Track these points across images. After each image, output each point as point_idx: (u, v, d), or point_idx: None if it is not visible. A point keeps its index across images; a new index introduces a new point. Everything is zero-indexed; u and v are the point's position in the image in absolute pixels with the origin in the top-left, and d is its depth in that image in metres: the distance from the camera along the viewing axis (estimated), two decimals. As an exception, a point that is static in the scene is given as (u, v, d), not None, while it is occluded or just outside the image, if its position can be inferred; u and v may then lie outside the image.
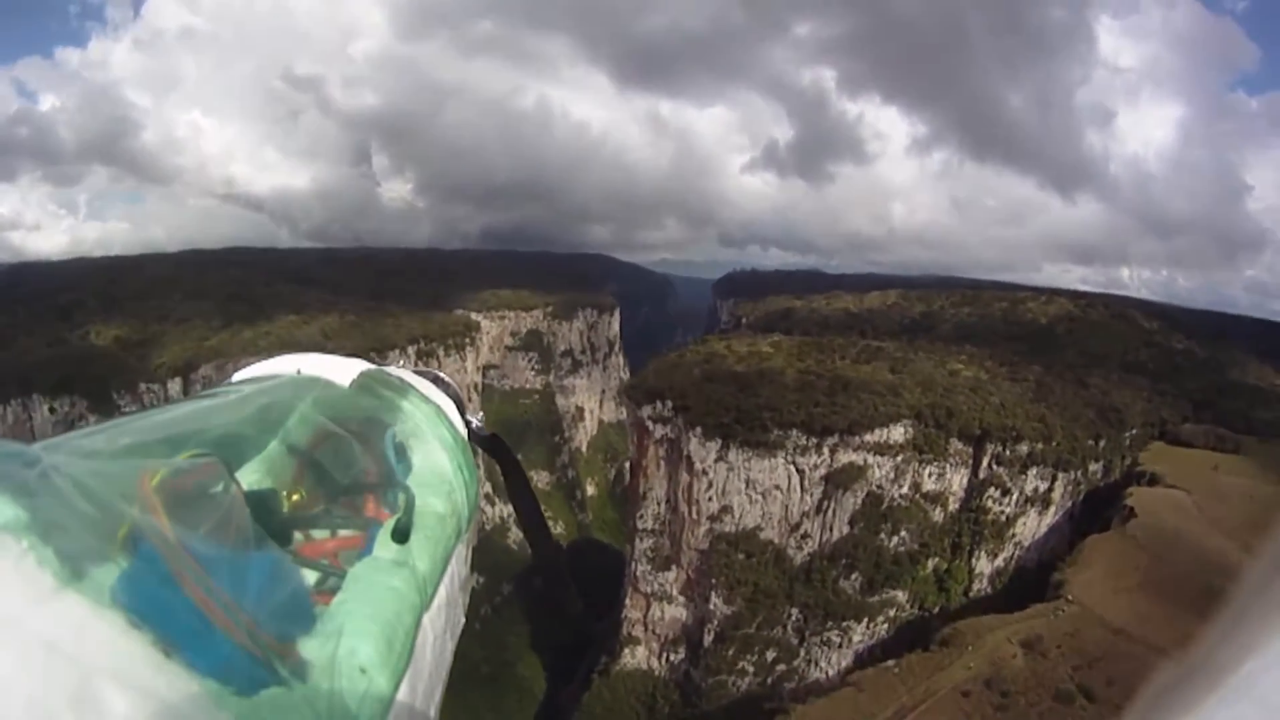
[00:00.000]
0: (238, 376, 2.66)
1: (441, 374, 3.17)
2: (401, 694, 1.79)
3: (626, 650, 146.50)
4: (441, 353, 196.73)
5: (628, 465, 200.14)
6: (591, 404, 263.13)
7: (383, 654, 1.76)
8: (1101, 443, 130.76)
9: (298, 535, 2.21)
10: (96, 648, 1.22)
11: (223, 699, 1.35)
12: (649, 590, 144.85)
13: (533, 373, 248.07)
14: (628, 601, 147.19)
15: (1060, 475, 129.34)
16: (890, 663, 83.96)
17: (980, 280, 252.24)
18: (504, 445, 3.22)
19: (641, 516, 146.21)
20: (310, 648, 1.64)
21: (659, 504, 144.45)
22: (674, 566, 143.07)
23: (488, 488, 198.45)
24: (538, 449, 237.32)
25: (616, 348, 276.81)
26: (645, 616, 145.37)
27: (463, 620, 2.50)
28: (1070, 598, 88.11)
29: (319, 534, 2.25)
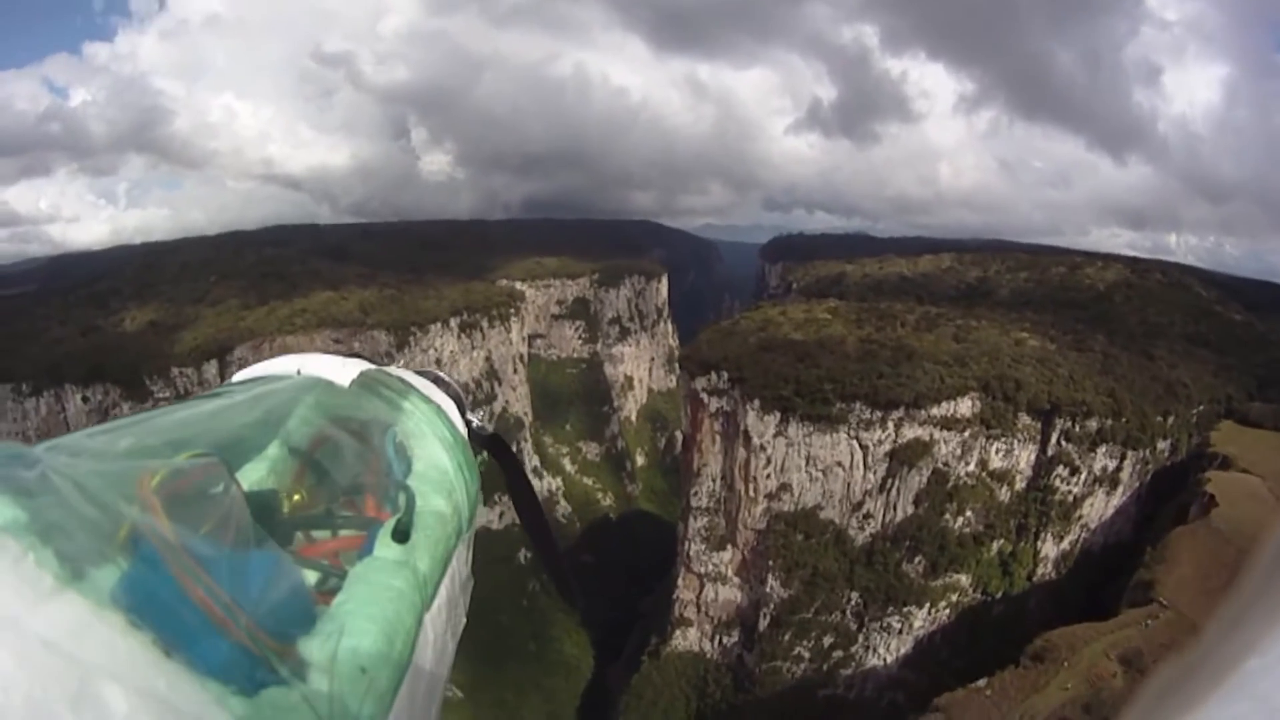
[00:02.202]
0: (238, 377, 2.69)
1: (442, 374, 3.17)
2: (402, 694, 1.80)
3: (678, 632, 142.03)
4: (485, 324, 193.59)
5: (678, 435, 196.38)
6: (640, 372, 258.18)
7: (383, 654, 1.78)
8: (1170, 419, 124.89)
9: (298, 535, 2.30)
10: (96, 648, 1.23)
11: (223, 699, 1.37)
12: (702, 571, 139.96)
13: (580, 341, 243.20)
14: (680, 582, 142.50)
15: (1129, 454, 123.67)
16: (981, 683, 77.49)
17: (1030, 244, 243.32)
18: (504, 445, 3.19)
19: (696, 494, 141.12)
20: (310, 648, 1.65)
21: (714, 481, 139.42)
22: (729, 546, 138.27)
23: (535, 461, 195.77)
24: (586, 419, 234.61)
25: (665, 314, 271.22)
26: (698, 597, 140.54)
27: (464, 620, 2.50)
28: (1164, 601, 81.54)
29: (319, 534, 2.35)
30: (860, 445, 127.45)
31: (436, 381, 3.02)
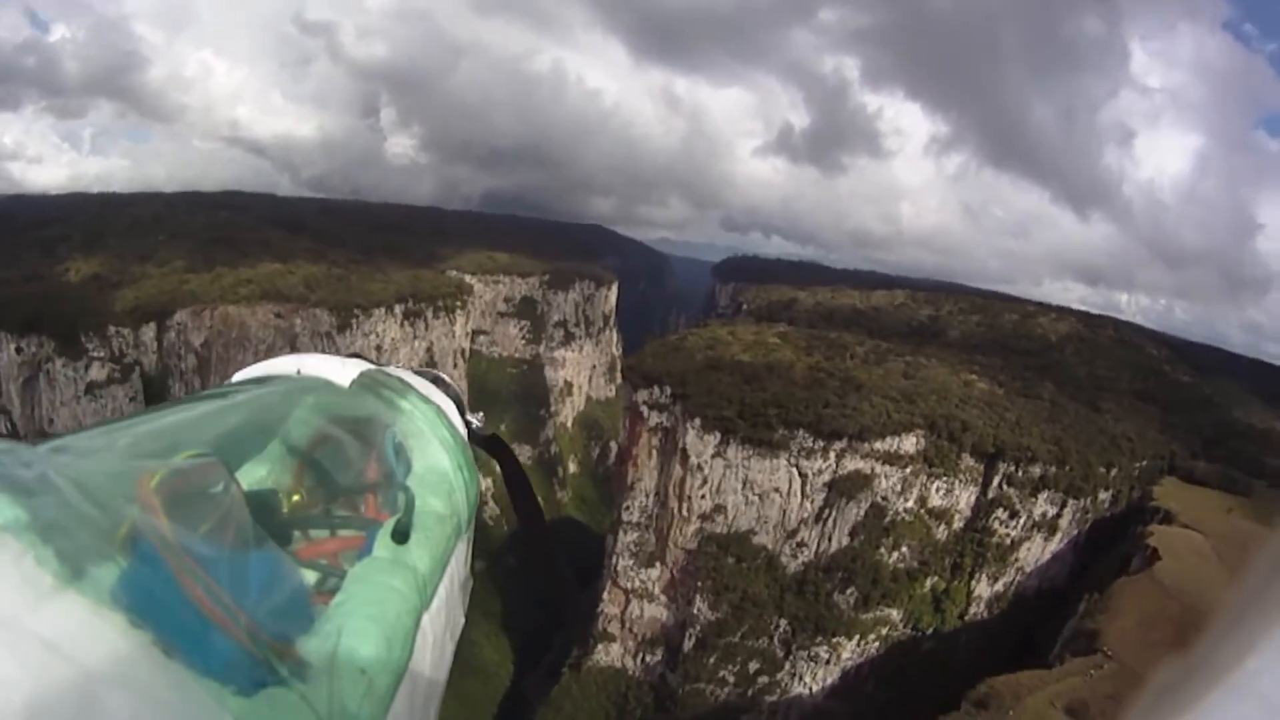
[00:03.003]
0: (238, 377, 2.70)
1: (442, 374, 3.18)
2: (401, 694, 1.81)
3: (600, 646, 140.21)
4: (430, 313, 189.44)
5: (613, 446, 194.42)
6: (581, 379, 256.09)
7: (382, 654, 1.78)
8: (1113, 471, 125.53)
9: (298, 535, 2.30)
10: (96, 648, 1.23)
11: (223, 699, 1.37)
12: (629, 586, 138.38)
13: (523, 341, 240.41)
14: (605, 596, 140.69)
15: (1071, 502, 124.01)
16: None
17: (984, 289, 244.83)
18: (504, 445, 3.21)
19: (628, 508, 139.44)
20: (310, 648, 1.67)
21: (647, 496, 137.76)
22: (658, 564, 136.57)
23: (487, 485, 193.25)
24: (522, 420, 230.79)
25: (611, 323, 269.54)
26: (623, 613, 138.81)
27: (462, 620, 2.53)
28: (1108, 652, 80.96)
29: (319, 534, 2.35)
30: (800, 473, 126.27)
31: (436, 382, 3.03)
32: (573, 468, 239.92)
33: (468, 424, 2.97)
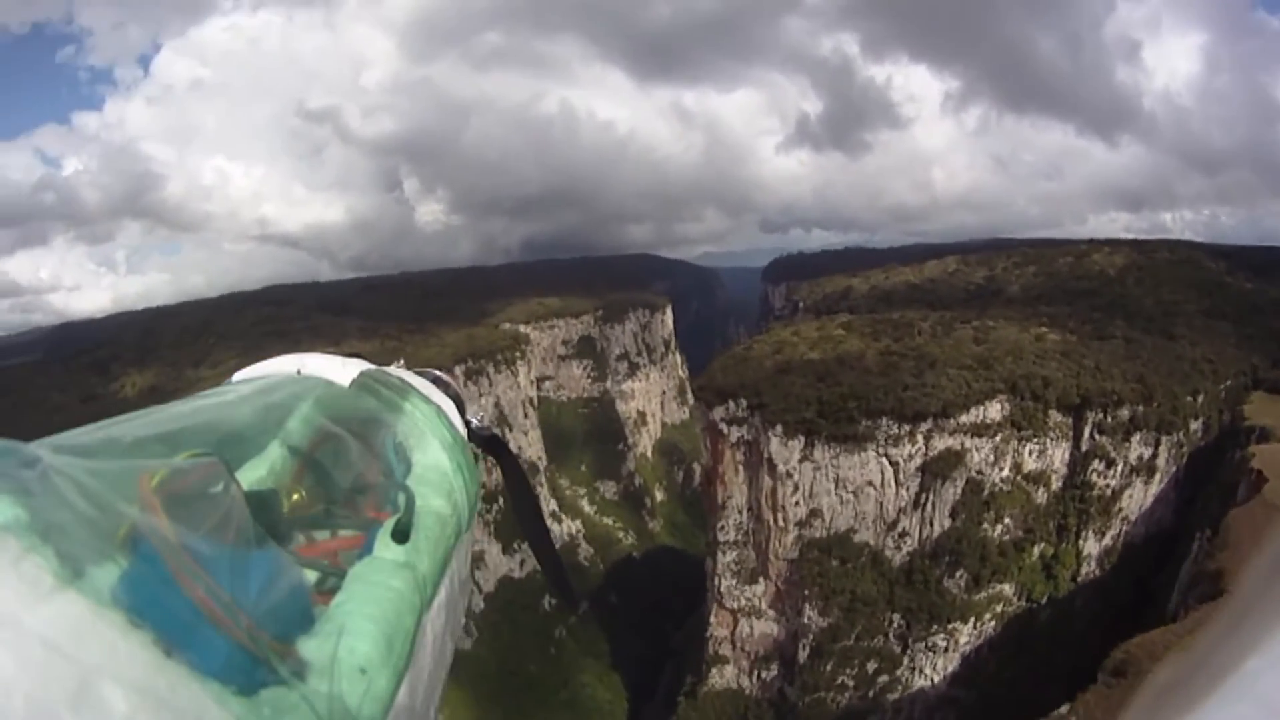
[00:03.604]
0: (238, 376, 2.70)
1: (441, 374, 3.12)
2: (401, 694, 1.81)
3: (714, 670, 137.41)
4: (491, 369, 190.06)
5: (696, 467, 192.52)
6: (652, 407, 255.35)
7: (383, 654, 1.79)
8: (1200, 398, 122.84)
9: (298, 535, 2.29)
10: (96, 647, 1.23)
11: (223, 699, 1.37)
12: (735, 606, 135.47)
13: (588, 380, 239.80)
14: (712, 619, 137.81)
15: (1164, 439, 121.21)
16: (1064, 709, 72.64)
17: (1032, 239, 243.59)
18: (504, 445, 3.15)
19: (722, 528, 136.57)
20: (310, 648, 1.67)
21: (740, 513, 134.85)
22: (761, 579, 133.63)
23: (553, 504, 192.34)
24: (601, 458, 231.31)
25: (672, 346, 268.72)
26: (733, 634, 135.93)
27: (463, 620, 2.51)
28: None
29: (319, 534, 2.34)
30: (890, 462, 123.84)
31: (436, 382, 2.96)
32: (660, 496, 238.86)
33: (468, 424, 2.93)
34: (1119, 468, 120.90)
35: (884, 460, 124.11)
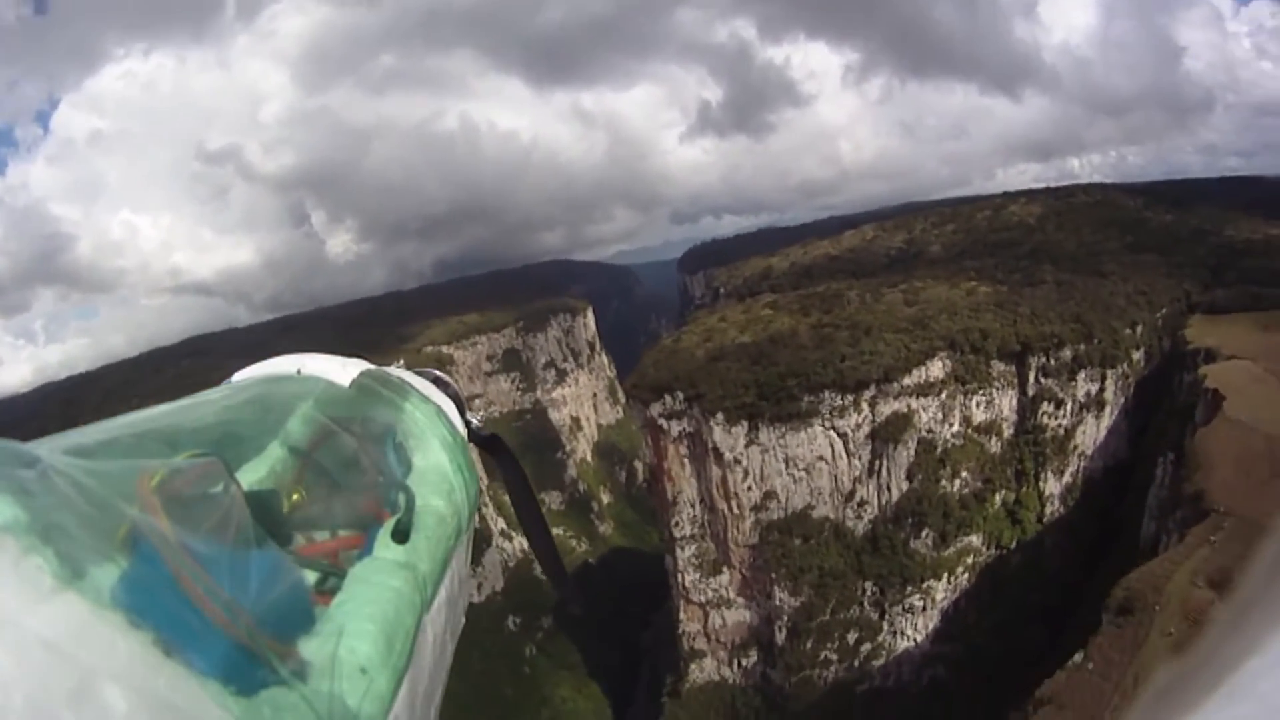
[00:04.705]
0: (238, 376, 2.75)
1: (441, 374, 3.22)
2: (401, 694, 1.84)
3: (693, 665, 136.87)
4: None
5: (638, 465, 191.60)
6: (586, 411, 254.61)
7: (383, 654, 1.81)
8: (1138, 329, 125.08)
9: (298, 535, 2.28)
10: (96, 647, 1.24)
11: (223, 699, 1.38)
12: (702, 599, 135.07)
13: (518, 393, 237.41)
14: (682, 615, 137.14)
15: (1109, 373, 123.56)
16: (1078, 657, 72.14)
17: (944, 200, 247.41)
18: (503, 445, 3.25)
19: (677, 524, 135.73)
20: (310, 648, 1.69)
21: (693, 506, 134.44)
22: (725, 569, 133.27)
23: (501, 523, 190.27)
24: (541, 469, 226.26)
25: (597, 348, 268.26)
26: (705, 626, 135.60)
27: (463, 620, 2.54)
28: (1221, 509, 77.55)
29: (319, 534, 2.33)
30: (838, 434, 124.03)
31: (436, 382, 3.06)
32: (606, 498, 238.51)
33: (467, 424, 3.04)
34: (1068, 406, 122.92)
35: (832, 433, 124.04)
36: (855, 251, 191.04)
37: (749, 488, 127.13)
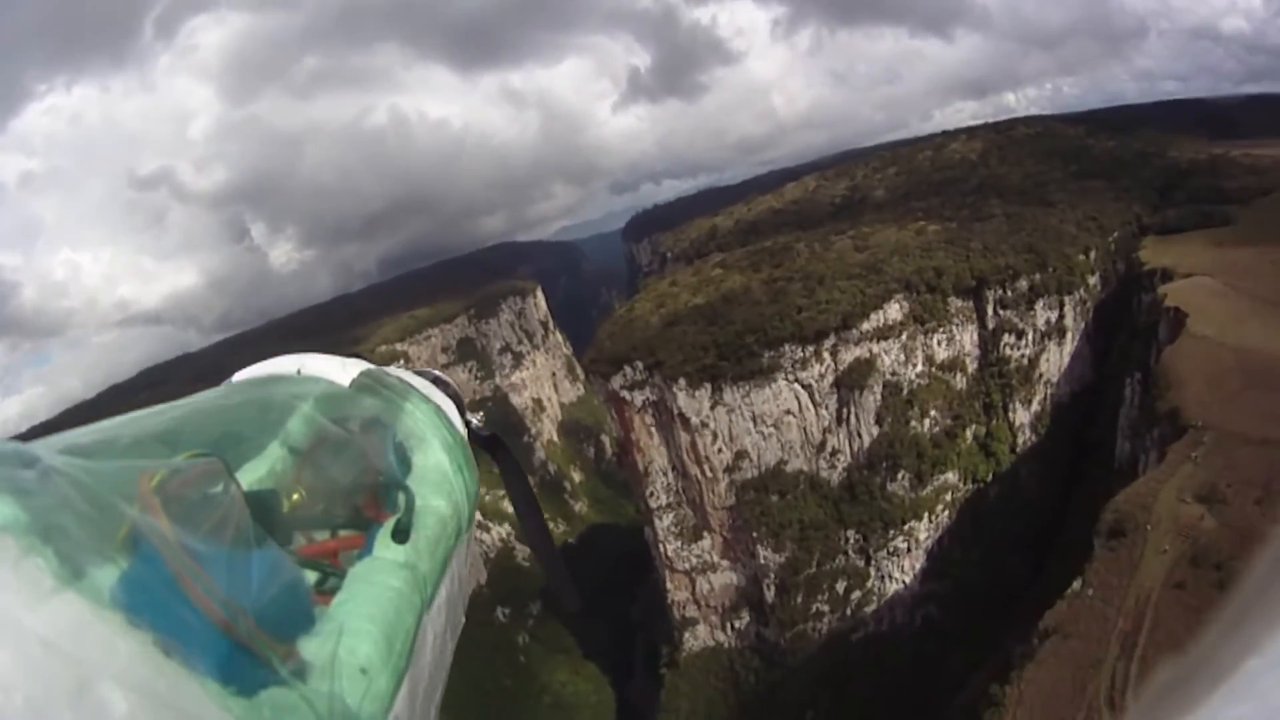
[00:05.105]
0: (238, 376, 2.74)
1: (441, 374, 3.26)
2: (401, 694, 1.86)
3: (686, 634, 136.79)
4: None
5: (605, 439, 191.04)
6: (546, 391, 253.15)
7: (383, 654, 1.84)
8: (1092, 254, 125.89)
9: (298, 535, 2.34)
10: (96, 648, 1.24)
11: (223, 699, 1.39)
12: (687, 566, 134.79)
13: (477, 381, 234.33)
14: (669, 585, 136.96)
15: (1066, 299, 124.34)
16: (1076, 585, 71.94)
17: (883, 144, 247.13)
18: (503, 445, 3.32)
19: (652, 494, 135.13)
20: (310, 648, 1.71)
21: (665, 474, 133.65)
22: (705, 534, 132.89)
23: (478, 515, 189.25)
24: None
25: (551, 327, 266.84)
26: (693, 593, 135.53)
27: (463, 620, 2.57)
28: (1199, 424, 77.63)
29: (319, 534, 2.40)
30: (803, 386, 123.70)
31: (436, 382, 3.11)
32: (577, 477, 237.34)
33: (467, 424, 3.09)
34: (1029, 336, 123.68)
35: (796, 386, 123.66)
36: (799, 203, 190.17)
37: (719, 450, 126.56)
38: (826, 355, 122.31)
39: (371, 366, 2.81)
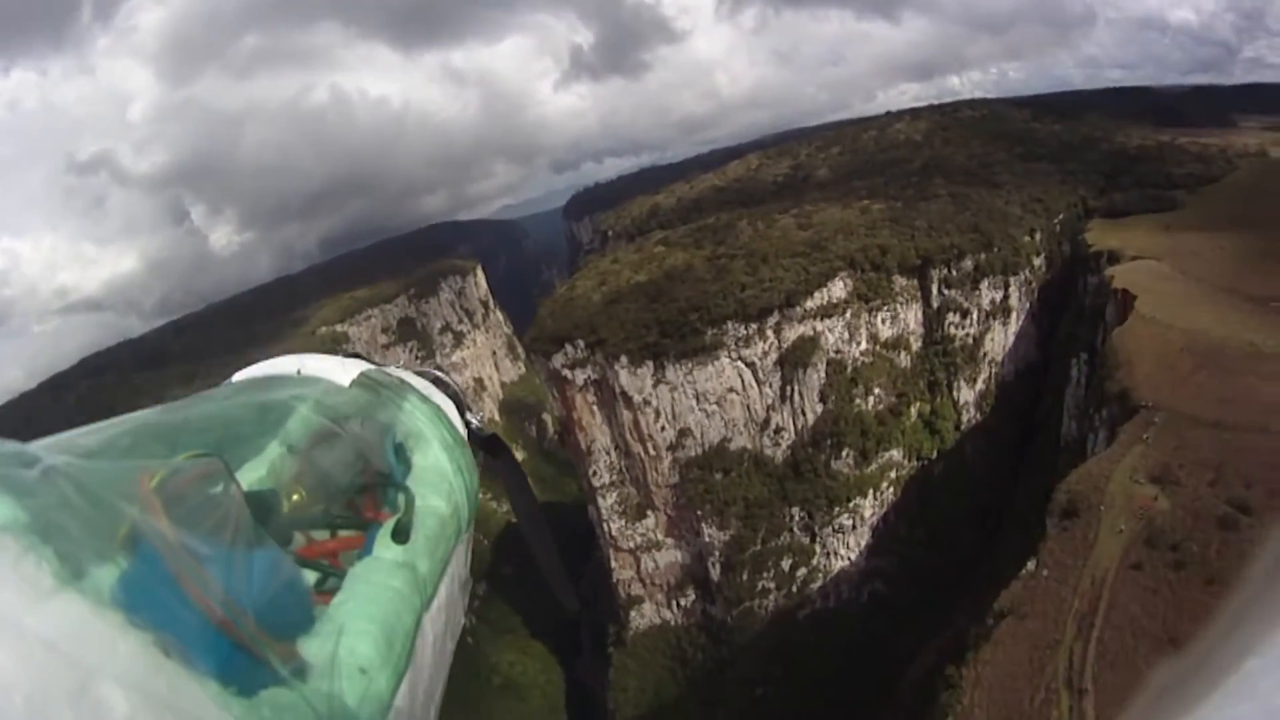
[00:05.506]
0: (238, 376, 2.74)
1: (442, 374, 3.26)
2: (401, 694, 1.87)
3: (633, 612, 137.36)
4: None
5: (547, 417, 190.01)
6: (487, 370, 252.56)
7: (383, 654, 1.86)
8: (1037, 235, 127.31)
9: (298, 535, 2.32)
10: (96, 647, 1.24)
11: (223, 699, 1.39)
12: (631, 545, 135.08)
13: (417, 361, 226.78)
14: (614, 563, 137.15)
15: (1012, 279, 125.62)
16: (1031, 565, 71.84)
17: (826, 124, 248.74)
18: (503, 445, 3.27)
19: (594, 473, 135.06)
20: (310, 648, 1.73)
21: (608, 453, 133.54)
22: (649, 512, 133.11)
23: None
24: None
25: (491, 305, 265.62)
26: (638, 572, 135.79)
27: (462, 620, 2.59)
28: (1149, 404, 78.08)
29: (319, 534, 2.39)
30: (746, 363, 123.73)
31: (436, 382, 3.12)
32: (520, 456, 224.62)
33: (467, 424, 3.05)
34: (974, 315, 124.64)
35: (739, 364, 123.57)
36: (742, 181, 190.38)
37: (662, 428, 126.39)
38: (770, 333, 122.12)
39: (371, 366, 2.80)
